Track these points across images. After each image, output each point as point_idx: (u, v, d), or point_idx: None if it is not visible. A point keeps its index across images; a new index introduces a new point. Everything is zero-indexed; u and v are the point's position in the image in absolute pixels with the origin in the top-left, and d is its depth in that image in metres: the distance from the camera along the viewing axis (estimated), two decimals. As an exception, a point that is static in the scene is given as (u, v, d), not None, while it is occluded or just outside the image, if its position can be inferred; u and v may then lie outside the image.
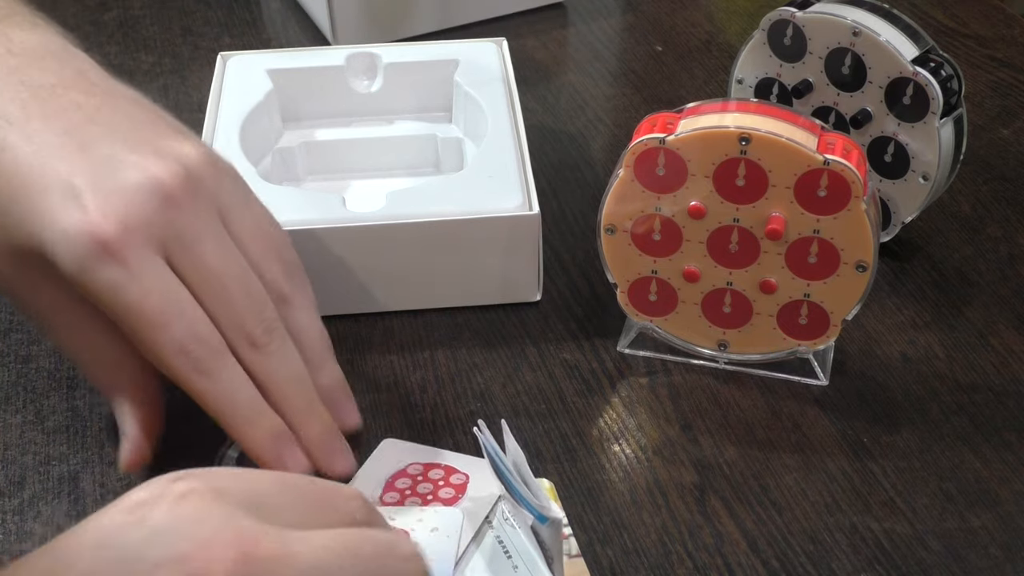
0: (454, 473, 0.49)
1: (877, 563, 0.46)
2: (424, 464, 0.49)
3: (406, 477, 0.49)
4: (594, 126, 0.72)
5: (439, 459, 0.50)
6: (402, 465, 0.49)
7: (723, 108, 0.50)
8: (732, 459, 0.51)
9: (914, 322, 0.58)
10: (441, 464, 0.49)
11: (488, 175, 0.58)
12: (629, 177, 0.51)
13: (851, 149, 0.49)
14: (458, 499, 0.48)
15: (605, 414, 0.53)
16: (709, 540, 0.47)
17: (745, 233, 0.51)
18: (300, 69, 0.66)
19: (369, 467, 0.49)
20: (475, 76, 0.65)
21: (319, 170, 0.65)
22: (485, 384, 0.54)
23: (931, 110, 0.56)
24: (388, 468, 0.49)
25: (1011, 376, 0.55)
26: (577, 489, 0.49)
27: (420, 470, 0.49)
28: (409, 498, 0.48)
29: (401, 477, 0.49)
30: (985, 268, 0.61)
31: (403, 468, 0.49)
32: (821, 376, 0.54)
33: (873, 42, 0.56)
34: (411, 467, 0.49)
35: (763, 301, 0.53)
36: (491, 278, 0.58)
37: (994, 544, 0.47)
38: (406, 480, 0.49)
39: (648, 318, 0.55)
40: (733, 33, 0.82)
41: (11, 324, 0.57)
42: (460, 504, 0.47)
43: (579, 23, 0.83)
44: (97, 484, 0.49)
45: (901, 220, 0.60)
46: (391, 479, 0.49)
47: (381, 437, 0.51)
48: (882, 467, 0.50)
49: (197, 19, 0.83)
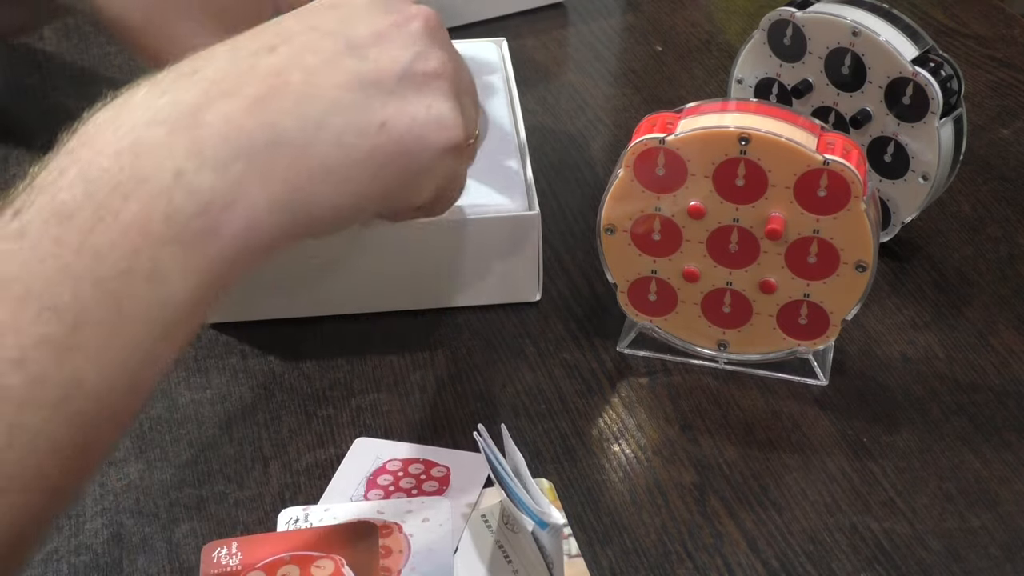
0: (434, 466, 0.49)
1: (877, 563, 0.46)
2: (403, 460, 0.50)
3: (387, 474, 0.49)
4: (594, 126, 0.72)
5: (416, 454, 0.50)
6: (380, 462, 0.49)
7: (723, 108, 0.50)
8: (732, 459, 0.51)
9: (914, 322, 0.58)
10: (420, 458, 0.50)
11: (488, 175, 0.58)
12: (629, 177, 0.51)
13: (851, 149, 0.49)
14: (443, 491, 0.48)
15: (605, 414, 0.53)
16: (709, 540, 0.47)
17: (745, 233, 0.51)
18: (300, 69, 0.66)
19: (347, 467, 0.49)
20: (475, 76, 0.65)
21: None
22: (485, 384, 0.54)
23: (931, 110, 0.56)
24: (366, 467, 0.49)
25: (1011, 376, 0.55)
26: (577, 489, 0.49)
27: (400, 466, 0.49)
28: (394, 494, 0.48)
29: (382, 474, 0.49)
30: (985, 268, 0.61)
31: (382, 465, 0.49)
32: (821, 376, 0.54)
33: (873, 42, 0.56)
34: (390, 463, 0.49)
35: (763, 301, 0.53)
36: (491, 278, 0.58)
37: (994, 544, 0.47)
38: (387, 477, 0.49)
39: (648, 318, 0.55)
40: (733, 33, 0.82)
41: (11, 324, 0.57)
42: (446, 495, 0.48)
43: (579, 23, 0.83)
44: (97, 484, 0.49)
45: (901, 220, 0.60)
46: (372, 477, 0.49)
47: (381, 437, 0.51)
48: (882, 467, 0.50)
49: (197, 19, 0.83)
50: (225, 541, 0.46)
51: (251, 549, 0.45)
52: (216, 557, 0.45)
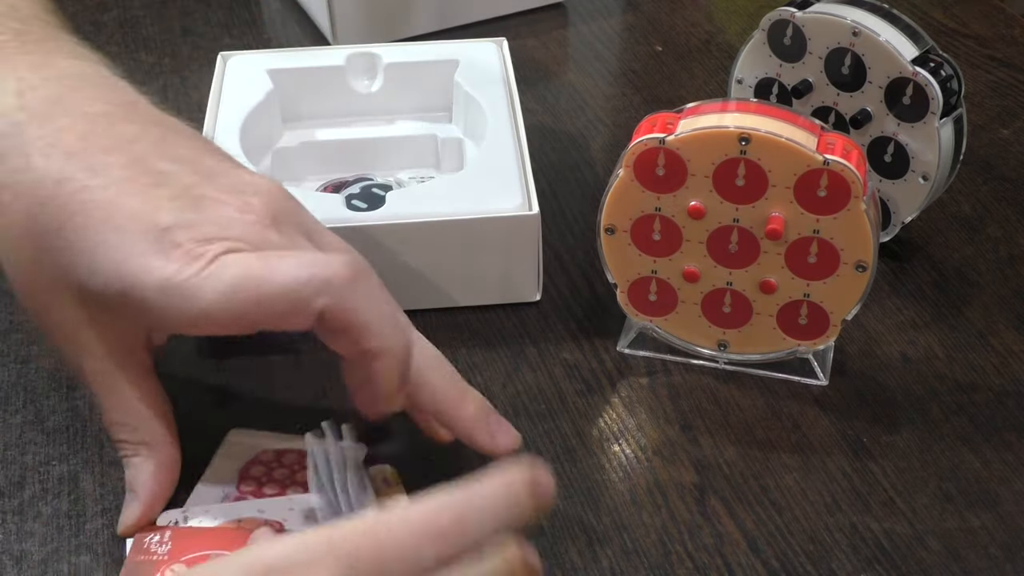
0: (306, 457, 0.48)
1: (877, 563, 0.46)
2: (275, 451, 0.49)
3: (259, 464, 0.48)
4: (594, 126, 0.72)
5: (289, 444, 0.49)
6: (253, 454, 0.49)
7: (723, 108, 0.50)
8: (732, 459, 0.51)
9: (914, 322, 0.58)
10: (293, 449, 0.49)
11: (488, 175, 0.58)
12: (629, 177, 0.51)
13: (851, 149, 0.49)
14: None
15: (605, 414, 0.53)
16: (709, 540, 0.47)
17: (745, 233, 0.51)
18: (300, 69, 0.66)
19: (218, 462, 0.49)
20: (475, 76, 0.65)
21: (319, 170, 0.65)
22: (485, 384, 0.54)
23: (931, 110, 0.56)
24: (239, 459, 0.49)
25: (1011, 376, 0.55)
26: (577, 489, 0.49)
27: (272, 456, 0.49)
28: (267, 486, 0.47)
29: (254, 465, 0.48)
30: (985, 268, 0.61)
31: (254, 456, 0.49)
32: (821, 376, 0.54)
33: (873, 42, 0.56)
34: (262, 455, 0.49)
35: (763, 301, 0.53)
36: (491, 278, 0.58)
37: (994, 544, 0.47)
38: (260, 467, 0.48)
39: (648, 318, 0.55)
40: (733, 33, 0.82)
41: (11, 324, 0.57)
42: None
43: (579, 23, 0.83)
44: (97, 484, 0.49)
45: (901, 220, 0.60)
46: (244, 469, 0.48)
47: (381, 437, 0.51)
48: (882, 467, 0.50)
49: (197, 19, 0.83)
50: (160, 529, 0.45)
51: (182, 541, 0.44)
52: (147, 544, 0.44)
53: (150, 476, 0.46)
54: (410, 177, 0.64)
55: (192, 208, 0.42)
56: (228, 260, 0.41)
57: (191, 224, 0.41)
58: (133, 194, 0.42)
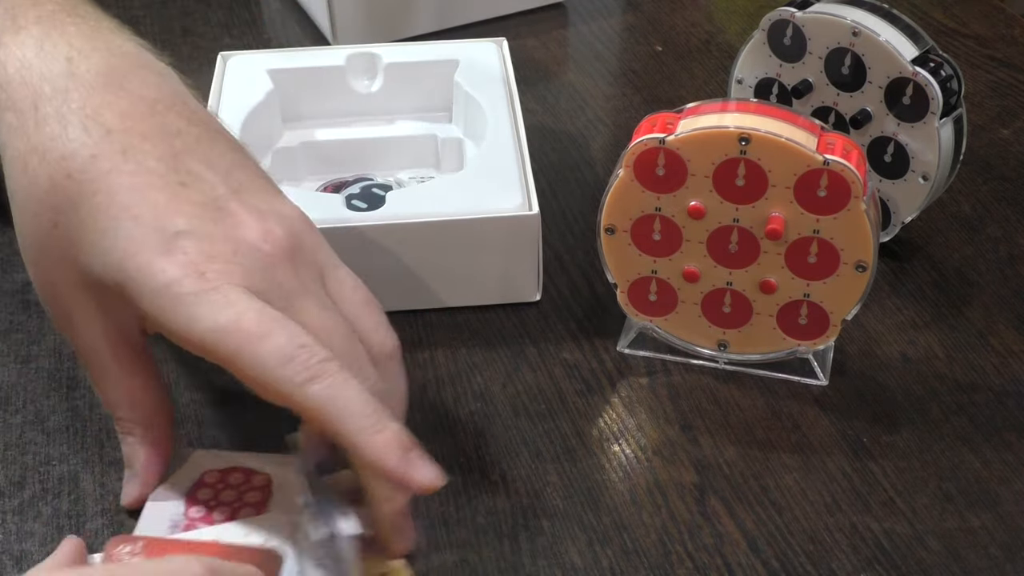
0: (254, 475, 0.46)
1: (877, 563, 0.46)
2: (220, 471, 0.47)
3: (205, 487, 0.46)
4: (594, 126, 0.72)
5: (234, 462, 0.47)
6: (197, 475, 0.47)
7: (723, 108, 0.50)
8: (732, 459, 0.51)
9: (914, 322, 0.58)
10: (239, 467, 0.47)
11: (488, 175, 0.58)
12: (629, 177, 0.51)
13: (851, 149, 0.49)
14: (266, 501, 0.45)
15: (605, 414, 0.53)
16: (709, 540, 0.47)
17: (745, 233, 0.51)
18: (300, 69, 0.66)
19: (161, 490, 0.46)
20: (475, 76, 0.65)
21: (319, 170, 0.65)
22: (485, 384, 0.54)
23: (931, 110, 0.56)
24: (186, 482, 0.47)
25: (1011, 376, 0.55)
26: (577, 489, 0.49)
27: (217, 477, 0.47)
28: (216, 509, 0.45)
29: (201, 488, 0.46)
30: (985, 268, 0.61)
31: (199, 478, 0.47)
32: (821, 376, 0.54)
33: (873, 42, 0.56)
34: (207, 475, 0.47)
35: (763, 301, 0.53)
36: (491, 278, 0.58)
37: (994, 544, 0.47)
38: (207, 491, 0.46)
39: (648, 318, 0.55)
40: (733, 33, 0.82)
41: (11, 324, 0.57)
42: (270, 505, 0.45)
43: (579, 23, 0.83)
44: (97, 484, 0.49)
45: (901, 220, 0.60)
46: (191, 493, 0.46)
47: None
48: (882, 467, 0.50)
49: (197, 19, 0.83)
50: (133, 538, 0.43)
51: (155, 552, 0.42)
52: (119, 553, 0.42)
53: (145, 454, 0.46)
54: (410, 177, 0.65)
55: (212, 219, 0.41)
56: (230, 296, 0.40)
57: (205, 236, 0.41)
58: (159, 188, 0.41)
